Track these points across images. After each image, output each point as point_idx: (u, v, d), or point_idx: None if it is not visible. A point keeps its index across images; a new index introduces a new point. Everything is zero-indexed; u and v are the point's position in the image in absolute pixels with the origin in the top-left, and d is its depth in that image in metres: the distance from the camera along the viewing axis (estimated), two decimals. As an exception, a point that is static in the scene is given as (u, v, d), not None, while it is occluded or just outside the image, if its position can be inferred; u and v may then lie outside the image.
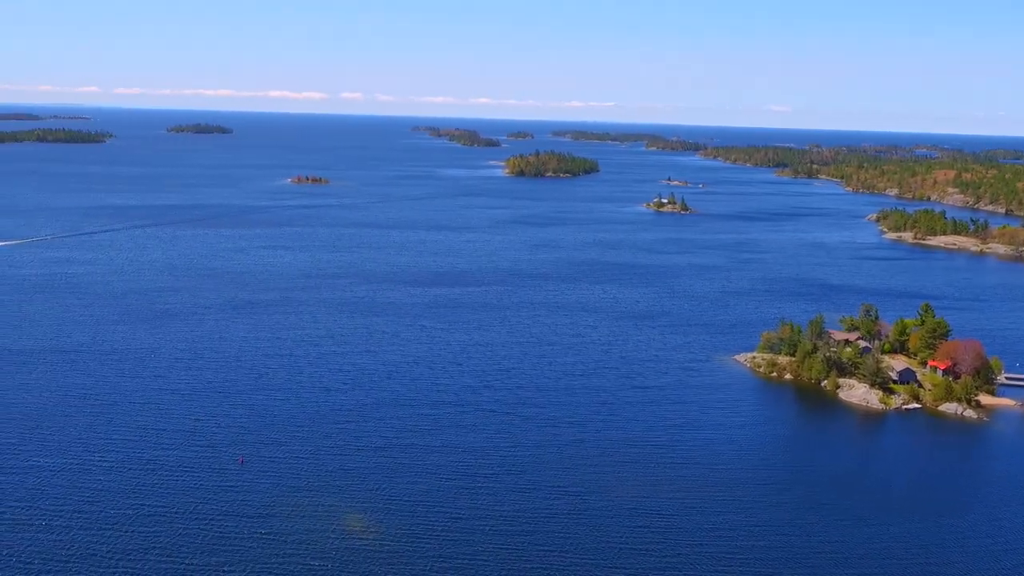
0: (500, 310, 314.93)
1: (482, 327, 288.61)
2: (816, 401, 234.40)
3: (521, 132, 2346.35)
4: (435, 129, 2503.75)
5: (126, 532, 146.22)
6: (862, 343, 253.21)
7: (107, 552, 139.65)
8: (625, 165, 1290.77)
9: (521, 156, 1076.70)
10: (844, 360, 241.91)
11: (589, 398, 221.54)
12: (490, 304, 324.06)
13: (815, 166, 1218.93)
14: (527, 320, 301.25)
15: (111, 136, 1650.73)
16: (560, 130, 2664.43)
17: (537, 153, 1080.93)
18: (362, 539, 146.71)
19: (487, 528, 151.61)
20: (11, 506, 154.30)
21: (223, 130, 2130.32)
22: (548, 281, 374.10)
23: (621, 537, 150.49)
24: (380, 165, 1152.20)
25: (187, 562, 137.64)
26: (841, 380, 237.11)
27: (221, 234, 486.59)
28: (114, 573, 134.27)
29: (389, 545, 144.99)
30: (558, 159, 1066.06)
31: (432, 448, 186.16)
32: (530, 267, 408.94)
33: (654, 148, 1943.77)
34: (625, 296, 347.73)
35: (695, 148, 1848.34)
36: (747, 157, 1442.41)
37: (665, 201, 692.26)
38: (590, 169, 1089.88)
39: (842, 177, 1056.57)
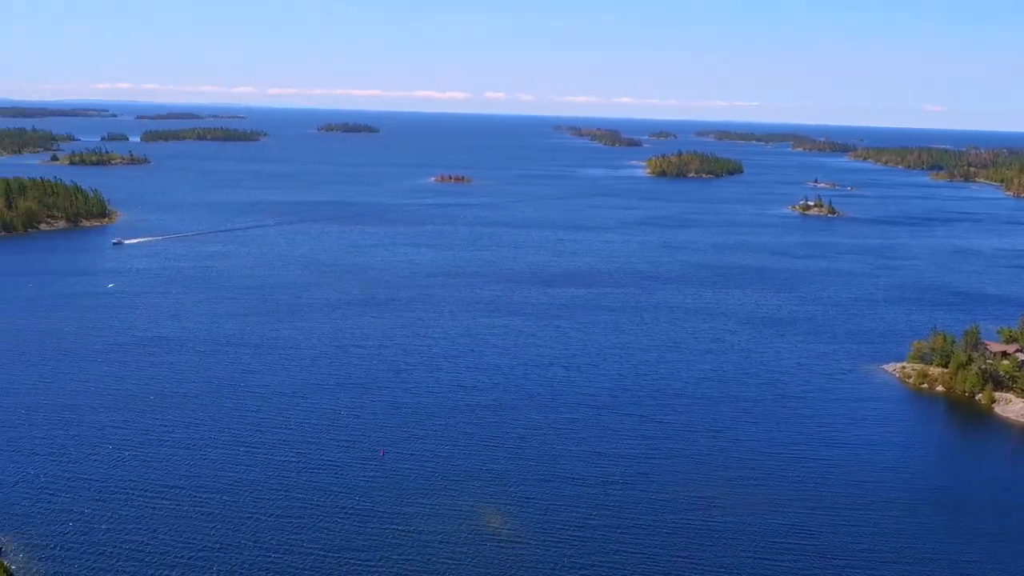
0: (637, 312, 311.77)
1: (619, 329, 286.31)
2: (970, 415, 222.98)
3: (663, 132, 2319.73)
4: (576, 128, 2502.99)
5: (270, 517, 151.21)
6: (1021, 356, 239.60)
7: (249, 534, 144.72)
8: (770, 166, 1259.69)
9: (663, 156, 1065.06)
10: (1001, 373, 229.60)
11: (728, 405, 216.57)
12: (627, 306, 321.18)
13: (972, 168, 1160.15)
14: (665, 323, 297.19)
15: (265, 135, 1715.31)
16: (703, 130, 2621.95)
17: (679, 153, 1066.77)
18: (496, 539, 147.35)
19: (618, 537, 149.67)
20: (163, 485, 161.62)
21: (370, 129, 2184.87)
22: (686, 284, 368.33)
23: (758, 555, 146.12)
24: (521, 164, 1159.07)
25: (325, 553, 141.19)
26: (997, 394, 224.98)
27: (365, 231, 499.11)
28: (253, 558, 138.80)
29: (521, 546, 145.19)
30: (700, 159, 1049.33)
31: (567, 450, 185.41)
32: (668, 269, 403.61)
33: (800, 149, 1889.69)
34: (767, 301, 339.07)
35: (844, 149, 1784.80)
36: (899, 159, 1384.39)
37: (811, 204, 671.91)
38: (733, 170, 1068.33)
39: (1002, 180, 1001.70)
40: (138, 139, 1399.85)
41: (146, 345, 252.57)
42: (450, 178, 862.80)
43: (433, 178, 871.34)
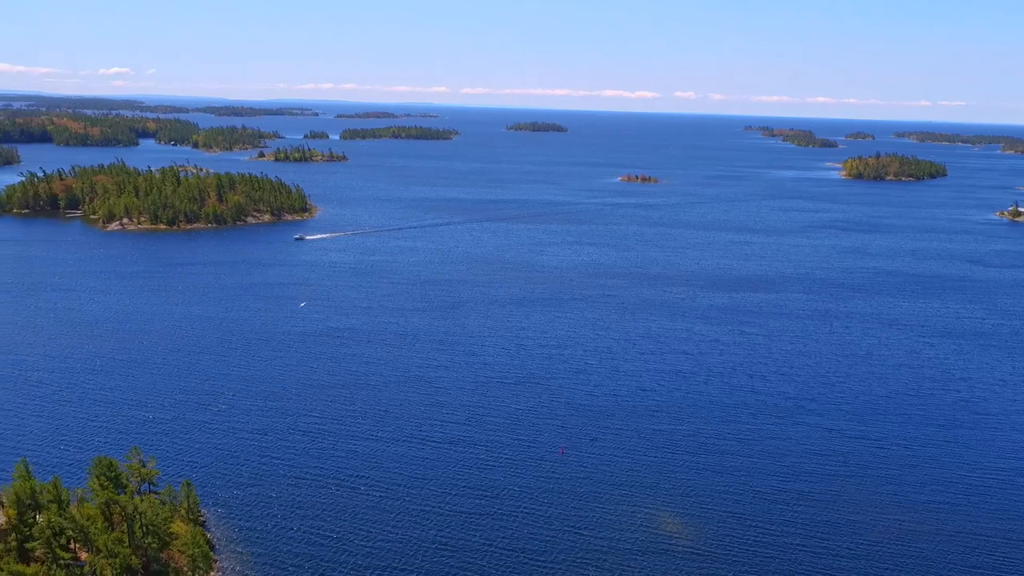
0: (826, 320, 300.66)
1: (807, 337, 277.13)
2: None
3: (860, 133, 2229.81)
4: (768, 129, 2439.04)
5: (448, 513, 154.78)
6: None
7: (427, 528, 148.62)
8: (976, 169, 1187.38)
9: (860, 158, 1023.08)
10: None
11: (923, 422, 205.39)
12: (816, 313, 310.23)
13: None
14: (856, 333, 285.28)
15: (456, 133, 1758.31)
16: (903, 131, 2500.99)
17: (878, 155, 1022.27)
18: (673, 549, 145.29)
19: (805, 560, 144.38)
20: (347, 474, 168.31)
21: (558, 128, 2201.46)
22: (880, 292, 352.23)
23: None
24: (708, 165, 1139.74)
25: (501, 552, 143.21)
26: None
27: (549, 230, 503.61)
28: (429, 553, 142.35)
29: (700, 559, 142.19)
30: (900, 161, 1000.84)
31: (751, 461, 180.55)
32: (860, 276, 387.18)
33: (1012, 152, 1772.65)
34: (968, 313, 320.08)
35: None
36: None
37: (1022, 210, 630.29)
38: (936, 173, 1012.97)
39: None
40: (337, 137, 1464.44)
41: (336, 336, 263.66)
42: (636, 178, 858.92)
43: (619, 178, 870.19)
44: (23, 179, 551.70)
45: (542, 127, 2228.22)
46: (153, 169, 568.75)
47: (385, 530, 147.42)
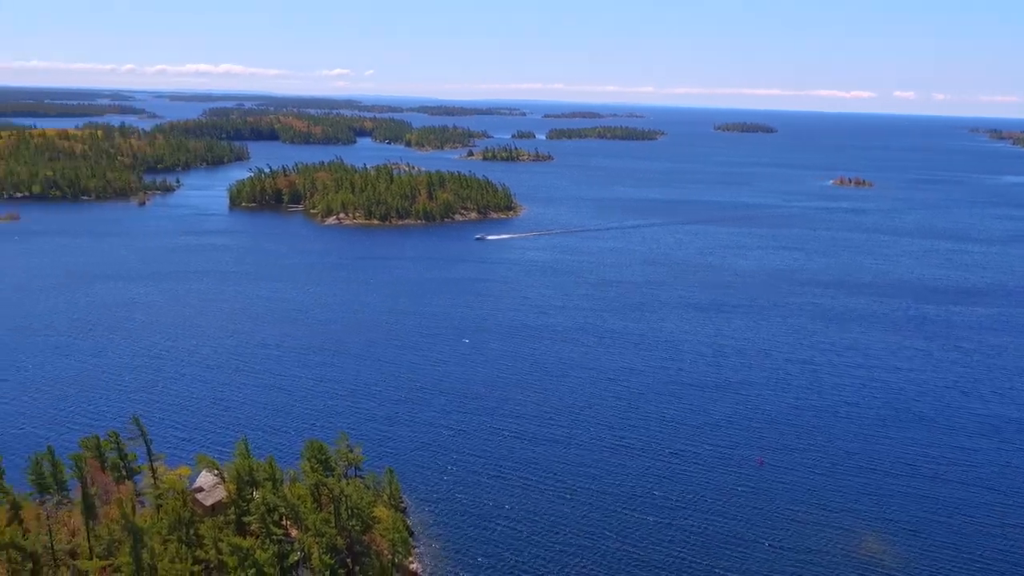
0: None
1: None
2: None
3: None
4: (996, 131, 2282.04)
5: (636, 514, 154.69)
6: None
7: (616, 528, 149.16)
8: None
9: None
10: None
11: None
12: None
13: None
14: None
15: (662, 133, 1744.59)
16: None
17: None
18: (874, 569, 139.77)
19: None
20: (539, 470, 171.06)
21: (767, 129, 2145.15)
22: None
23: None
24: (928, 168, 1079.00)
25: (691, 557, 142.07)
26: None
27: (753, 234, 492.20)
28: (615, 553, 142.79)
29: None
30: None
31: (963, 485, 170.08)
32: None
33: None
34: None
35: None
36: None
37: None
38: None
39: None
40: (544, 136, 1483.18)
41: (533, 334, 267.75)
42: (849, 181, 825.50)
43: (832, 181, 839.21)
44: (251, 175, 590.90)
45: (750, 127, 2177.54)
46: (368, 167, 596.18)
47: (573, 535, 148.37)
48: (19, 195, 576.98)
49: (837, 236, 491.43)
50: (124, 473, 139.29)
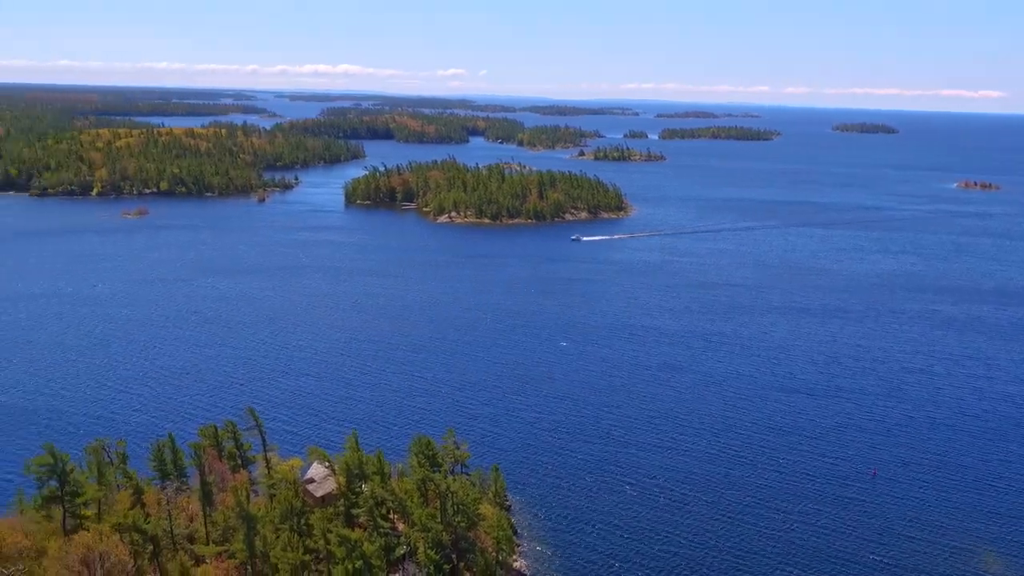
0: None
1: None
2: None
3: None
4: None
5: (743, 520, 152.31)
6: None
7: (722, 535, 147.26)
8: None
9: None
10: None
11: None
12: None
13: None
14: None
15: (777, 134, 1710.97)
16: None
17: None
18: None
19: None
20: (645, 471, 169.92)
21: (888, 130, 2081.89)
22: None
23: None
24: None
25: (797, 571, 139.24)
26: None
27: (871, 237, 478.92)
28: (720, 561, 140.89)
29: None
30: None
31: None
32: None
33: None
34: None
35: None
36: None
37: None
38: None
39: None
40: (656, 136, 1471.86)
41: (640, 335, 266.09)
42: (975, 184, 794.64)
43: (956, 183, 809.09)
44: (366, 173, 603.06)
45: (870, 128, 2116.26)
46: (480, 166, 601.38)
47: (675, 544, 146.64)
48: (147, 191, 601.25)
49: (960, 241, 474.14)
50: (239, 462, 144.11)
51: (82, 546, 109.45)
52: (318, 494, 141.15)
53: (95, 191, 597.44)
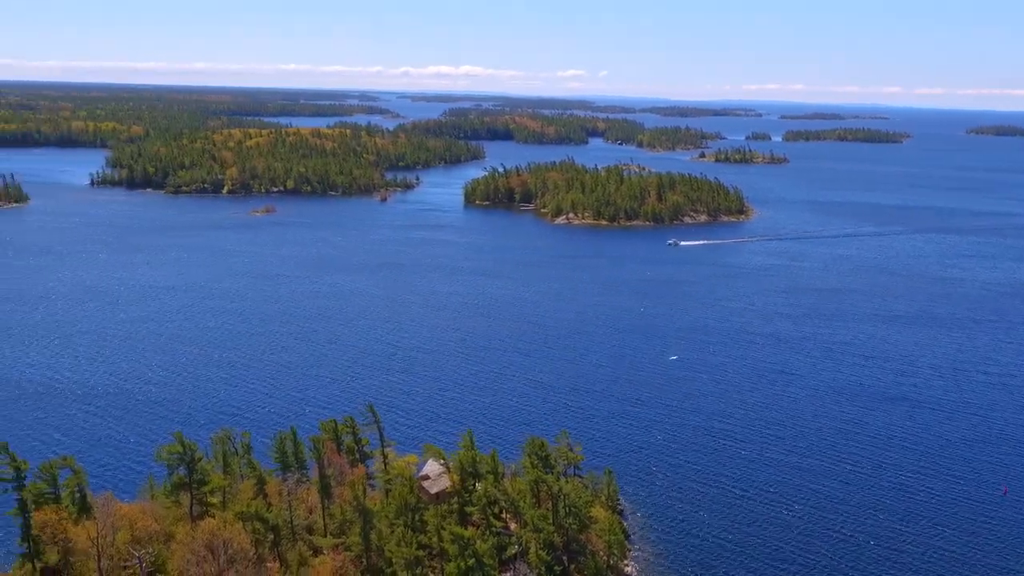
0: None
1: None
2: None
3: None
4: None
5: (868, 536, 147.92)
6: None
7: (838, 549, 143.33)
8: None
9: None
10: None
11: None
12: None
13: None
14: None
15: (907, 136, 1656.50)
16: None
17: None
18: None
19: None
20: (758, 481, 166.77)
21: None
22: None
23: None
24: None
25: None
26: None
27: (1006, 244, 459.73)
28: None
29: None
30: None
31: None
32: None
33: None
34: None
35: None
36: None
37: None
38: None
39: None
40: (780, 138, 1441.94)
41: (757, 341, 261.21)
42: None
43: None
44: (486, 174, 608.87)
45: (1007, 131, 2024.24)
46: (599, 167, 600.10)
47: (787, 560, 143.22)
48: (275, 189, 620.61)
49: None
50: (357, 457, 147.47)
51: (207, 532, 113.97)
52: (432, 491, 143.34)
53: (226, 189, 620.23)
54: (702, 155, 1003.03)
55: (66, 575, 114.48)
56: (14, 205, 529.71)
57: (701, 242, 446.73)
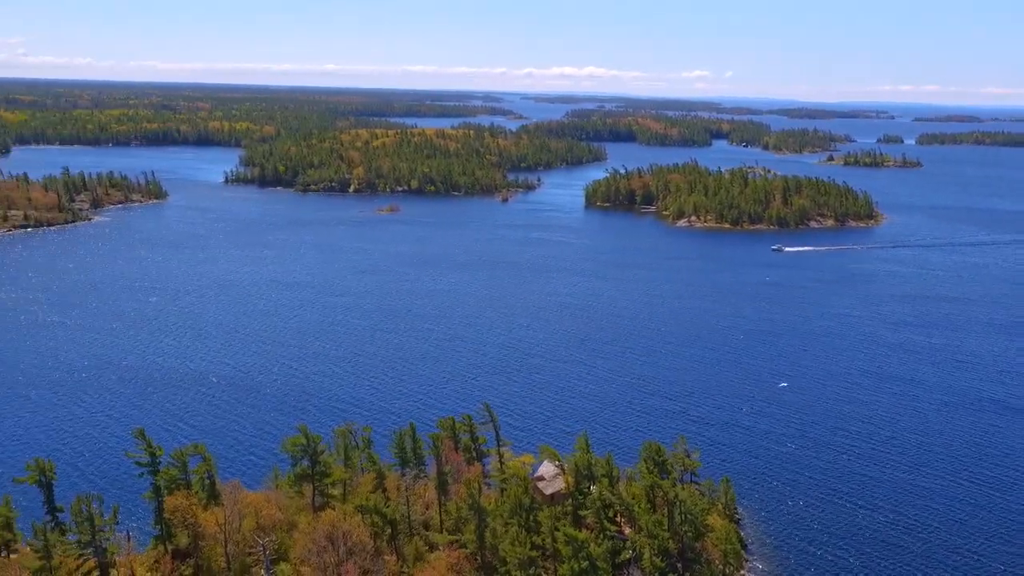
0: None
1: None
2: None
3: None
4: None
5: (994, 559, 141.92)
6: None
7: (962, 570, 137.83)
8: None
9: None
10: None
11: None
12: None
13: None
14: None
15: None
16: None
17: None
18: None
19: None
20: (882, 496, 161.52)
21: None
22: None
23: None
24: None
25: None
26: None
27: None
28: None
29: None
30: None
31: None
32: None
33: None
34: None
35: None
36: None
37: None
38: None
39: None
40: (913, 142, 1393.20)
41: (885, 351, 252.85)
42: None
43: None
44: (607, 175, 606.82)
45: None
46: (722, 170, 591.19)
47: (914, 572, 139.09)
48: (399, 189, 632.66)
49: None
50: (474, 455, 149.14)
51: (328, 523, 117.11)
52: (547, 492, 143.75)
53: (352, 188, 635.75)
54: (830, 158, 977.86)
55: (196, 558, 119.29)
56: (154, 201, 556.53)
57: (808, 248, 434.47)
